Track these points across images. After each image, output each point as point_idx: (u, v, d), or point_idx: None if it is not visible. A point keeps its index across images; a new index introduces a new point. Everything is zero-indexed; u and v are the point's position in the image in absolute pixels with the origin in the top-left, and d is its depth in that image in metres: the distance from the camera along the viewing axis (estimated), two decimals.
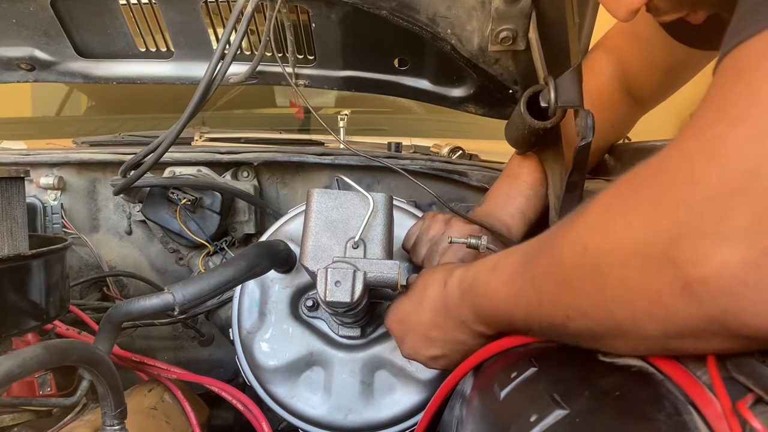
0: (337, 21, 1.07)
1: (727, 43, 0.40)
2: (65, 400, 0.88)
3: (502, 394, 0.55)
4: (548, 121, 0.82)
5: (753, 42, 0.38)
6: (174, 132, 0.92)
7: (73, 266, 1.31)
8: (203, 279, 0.72)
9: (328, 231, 0.75)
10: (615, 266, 0.41)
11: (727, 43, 0.40)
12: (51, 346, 0.56)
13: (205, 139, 1.39)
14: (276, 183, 1.30)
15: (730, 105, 0.37)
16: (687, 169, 0.38)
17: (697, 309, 0.37)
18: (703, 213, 0.36)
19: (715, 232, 0.35)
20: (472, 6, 0.91)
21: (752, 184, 0.34)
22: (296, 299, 0.97)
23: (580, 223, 0.46)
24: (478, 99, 1.16)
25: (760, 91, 0.36)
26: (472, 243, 0.83)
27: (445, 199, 1.24)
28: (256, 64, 1.10)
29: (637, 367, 0.46)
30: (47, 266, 0.82)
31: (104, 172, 1.31)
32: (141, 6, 1.11)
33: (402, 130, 1.79)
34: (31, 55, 1.21)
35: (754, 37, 0.38)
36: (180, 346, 1.39)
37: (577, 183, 0.83)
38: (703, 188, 0.36)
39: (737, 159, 0.35)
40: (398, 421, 0.93)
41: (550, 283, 0.49)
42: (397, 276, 0.70)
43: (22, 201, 0.83)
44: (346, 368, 0.93)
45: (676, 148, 0.40)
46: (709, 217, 0.36)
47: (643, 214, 0.40)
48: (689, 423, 0.39)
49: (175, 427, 0.97)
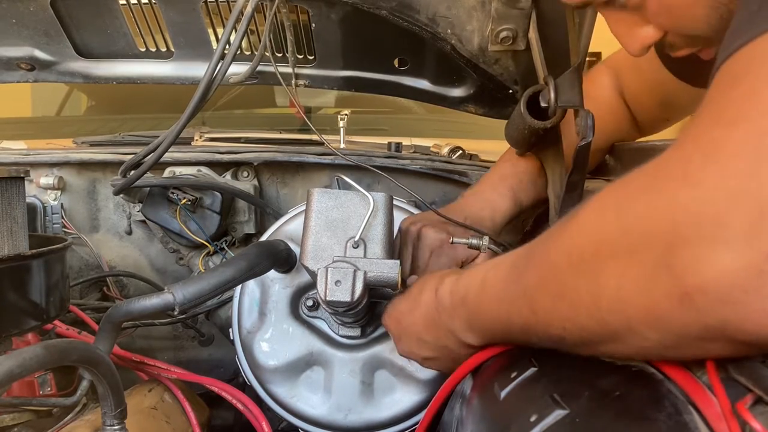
0: (337, 21, 1.07)
1: (725, 49, 0.40)
2: (65, 400, 0.88)
3: (502, 394, 0.55)
4: (548, 121, 0.82)
5: (750, 47, 0.38)
6: (174, 132, 0.92)
7: (73, 266, 1.31)
8: (203, 279, 0.72)
9: (328, 231, 0.75)
10: (611, 277, 0.40)
11: (725, 49, 0.40)
12: (51, 346, 0.56)
13: (205, 139, 1.39)
14: (276, 183, 1.30)
15: (728, 108, 0.37)
16: (684, 172, 0.37)
17: (696, 318, 0.36)
18: (700, 217, 0.35)
19: (712, 237, 0.34)
20: (472, 6, 0.91)
21: (750, 187, 0.34)
22: (296, 299, 0.97)
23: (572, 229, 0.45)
24: (478, 99, 1.16)
25: (758, 94, 0.36)
26: (473, 244, 0.83)
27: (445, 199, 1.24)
28: (256, 64, 1.09)
29: (637, 367, 0.46)
30: (47, 266, 0.82)
31: (104, 172, 1.31)
32: (141, 6, 1.11)
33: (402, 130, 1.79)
34: (31, 55, 1.21)
35: (751, 42, 0.38)
36: (180, 346, 1.39)
37: (577, 183, 0.83)
38: (700, 191, 0.35)
39: (735, 161, 0.35)
40: (398, 421, 0.93)
41: (543, 295, 0.48)
42: (397, 276, 0.70)
43: (22, 201, 0.83)
44: (346, 368, 0.93)
45: (674, 151, 0.39)
46: (706, 221, 0.35)
47: (639, 218, 0.39)
48: (689, 423, 0.39)
49: (175, 427, 0.97)
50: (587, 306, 0.43)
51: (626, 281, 0.39)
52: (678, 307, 0.36)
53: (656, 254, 0.37)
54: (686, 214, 0.36)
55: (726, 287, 0.34)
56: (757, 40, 0.38)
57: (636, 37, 0.64)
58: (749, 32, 0.38)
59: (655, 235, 0.37)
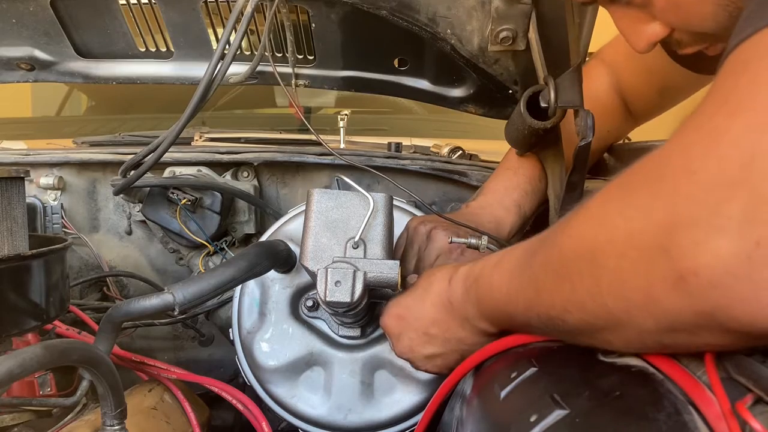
0: (337, 21, 1.07)
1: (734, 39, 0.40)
2: (65, 400, 0.88)
3: (502, 394, 0.55)
4: (548, 121, 0.82)
5: (756, 39, 0.38)
6: (174, 132, 0.92)
7: (73, 266, 1.31)
8: (203, 279, 0.72)
9: (328, 231, 0.75)
10: (611, 258, 0.41)
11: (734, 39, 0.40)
12: (51, 346, 0.56)
13: (205, 139, 1.39)
14: (276, 183, 1.30)
15: (731, 98, 0.37)
16: (686, 160, 0.38)
17: (689, 302, 0.37)
18: (699, 203, 0.36)
19: (708, 223, 0.35)
20: (472, 6, 0.91)
21: (748, 175, 0.34)
22: (296, 299, 0.97)
23: (579, 216, 0.47)
24: (478, 99, 1.16)
25: (761, 85, 0.36)
26: (472, 243, 0.83)
27: (446, 199, 1.24)
28: (255, 64, 1.10)
29: (637, 367, 0.46)
30: (47, 266, 0.82)
31: (104, 172, 1.31)
32: (141, 6, 1.11)
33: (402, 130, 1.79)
34: (31, 55, 1.21)
35: (757, 33, 0.38)
36: (180, 346, 1.39)
37: (577, 183, 0.83)
38: (700, 178, 0.36)
39: (735, 150, 0.35)
40: (398, 421, 0.93)
41: (548, 276, 0.49)
42: (397, 276, 0.70)
43: (22, 201, 0.83)
44: (346, 368, 0.93)
45: (677, 140, 0.40)
46: (704, 207, 0.35)
47: (640, 204, 0.40)
48: (689, 423, 0.39)
49: (175, 427, 0.97)
50: (589, 288, 0.44)
51: (626, 264, 0.40)
52: (672, 290, 0.37)
53: (655, 238, 0.38)
54: (685, 201, 0.36)
55: (717, 272, 0.35)
56: (762, 32, 0.38)
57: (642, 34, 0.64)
58: (759, 22, 0.38)
59: (654, 221, 0.38)
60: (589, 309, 0.45)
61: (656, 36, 0.63)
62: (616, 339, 0.45)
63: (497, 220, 0.94)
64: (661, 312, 0.39)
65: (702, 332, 0.38)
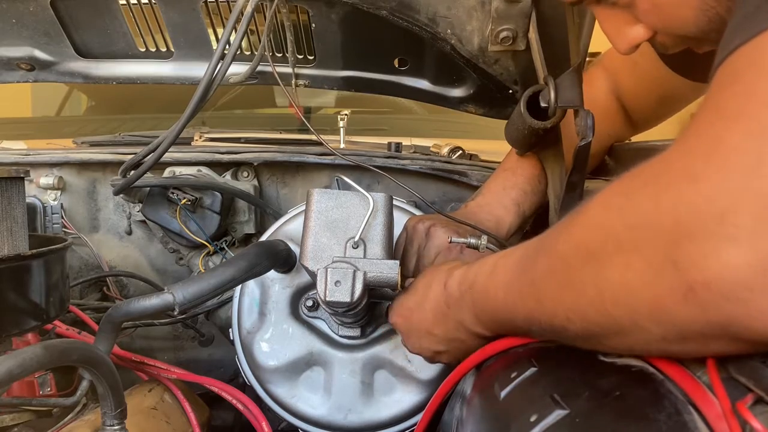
0: (337, 21, 1.07)
1: (724, 47, 0.40)
2: (65, 400, 0.88)
3: (502, 394, 0.55)
4: (548, 121, 0.82)
5: (749, 46, 0.38)
6: (174, 132, 0.92)
7: (73, 266, 1.31)
8: (203, 279, 0.72)
9: (328, 231, 0.75)
10: (615, 268, 0.41)
11: (724, 47, 0.40)
12: (51, 346, 0.56)
13: (205, 139, 1.39)
14: (276, 183, 1.30)
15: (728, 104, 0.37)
16: (687, 168, 0.37)
17: (700, 314, 0.36)
18: (704, 212, 0.35)
19: (717, 233, 0.34)
20: (472, 6, 0.91)
21: (753, 182, 0.34)
22: (296, 299, 0.97)
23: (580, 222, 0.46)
24: (478, 99, 1.16)
25: (758, 90, 0.36)
26: (471, 243, 0.83)
27: (445, 199, 1.24)
28: (255, 64, 1.09)
29: (637, 367, 0.46)
30: (47, 266, 0.82)
31: (104, 172, 1.31)
32: (141, 6, 1.11)
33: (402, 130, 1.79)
34: (31, 55, 1.21)
35: (751, 40, 0.38)
36: (180, 346, 1.39)
37: (577, 183, 0.83)
38: (703, 187, 0.36)
39: (737, 156, 0.35)
40: (398, 421, 0.93)
41: (550, 285, 0.48)
42: (397, 276, 0.70)
43: (22, 201, 0.83)
44: (346, 368, 0.93)
45: (677, 147, 0.40)
46: (710, 216, 0.35)
47: (643, 214, 0.39)
48: (689, 423, 0.38)
49: (175, 427, 0.97)
50: (592, 297, 0.43)
51: (631, 274, 0.39)
52: (682, 302, 0.36)
53: (661, 249, 0.37)
54: (690, 210, 0.36)
55: (730, 284, 0.34)
56: (756, 39, 0.38)
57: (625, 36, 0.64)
58: (748, 30, 0.38)
59: (659, 230, 0.38)
60: (592, 318, 0.44)
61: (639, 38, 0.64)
62: (619, 345, 0.45)
63: (496, 218, 0.94)
64: (670, 322, 0.38)
65: (712, 341, 0.38)
